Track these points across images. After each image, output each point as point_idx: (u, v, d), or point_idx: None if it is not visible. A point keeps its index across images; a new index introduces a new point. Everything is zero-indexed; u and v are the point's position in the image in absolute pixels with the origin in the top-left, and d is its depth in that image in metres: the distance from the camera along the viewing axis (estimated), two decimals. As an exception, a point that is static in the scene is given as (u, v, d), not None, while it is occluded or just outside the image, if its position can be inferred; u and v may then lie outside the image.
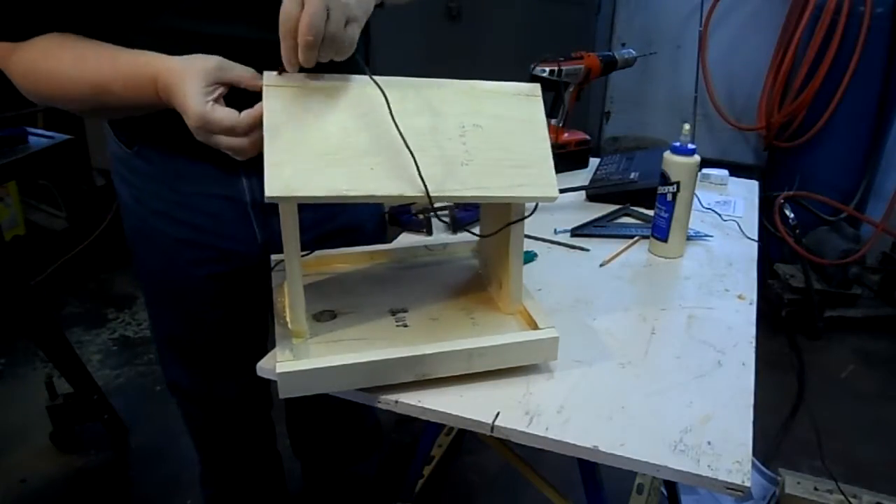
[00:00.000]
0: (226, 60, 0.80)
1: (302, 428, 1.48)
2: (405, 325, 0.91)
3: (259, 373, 0.88)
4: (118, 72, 0.83)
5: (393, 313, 0.93)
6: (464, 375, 0.85)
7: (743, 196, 1.46)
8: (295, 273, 0.82)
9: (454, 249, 1.11)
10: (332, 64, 0.78)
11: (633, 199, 1.37)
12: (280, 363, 0.78)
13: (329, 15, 0.73)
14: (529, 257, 1.17)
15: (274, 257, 1.02)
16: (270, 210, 1.05)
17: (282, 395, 0.79)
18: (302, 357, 0.80)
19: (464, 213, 1.28)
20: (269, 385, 1.29)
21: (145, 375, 2.27)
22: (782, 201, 2.46)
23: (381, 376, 0.82)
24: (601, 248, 1.22)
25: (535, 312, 0.90)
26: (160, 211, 1.03)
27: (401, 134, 0.76)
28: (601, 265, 1.17)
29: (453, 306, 0.96)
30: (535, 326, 0.88)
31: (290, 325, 0.86)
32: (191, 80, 0.78)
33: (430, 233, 1.26)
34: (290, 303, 0.85)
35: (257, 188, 1.02)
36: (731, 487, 0.72)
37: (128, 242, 1.12)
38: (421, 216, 1.27)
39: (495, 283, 0.97)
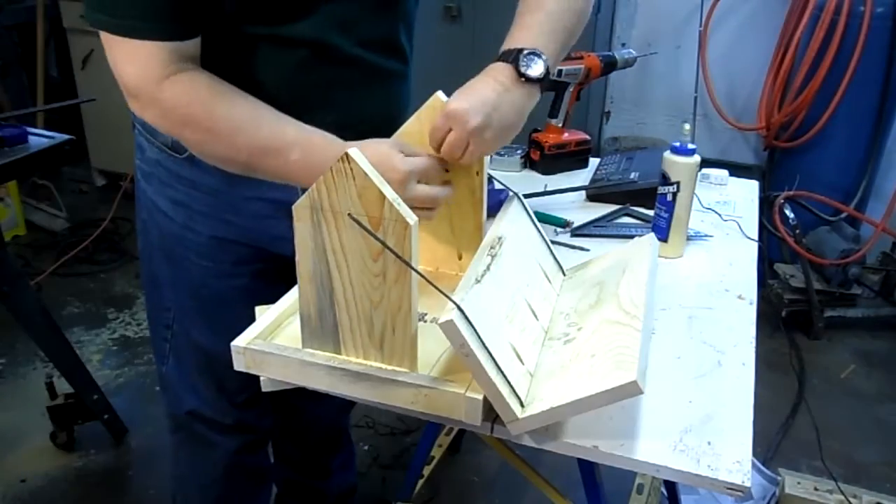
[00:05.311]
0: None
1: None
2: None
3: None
4: (298, 134, 0.85)
5: None
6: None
7: (743, 196, 1.46)
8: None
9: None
10: None
11: (633, 199, 1.36)
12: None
13: (467, 147, 0.81)
14: (529, 257, 1.17)
15: None
16: None
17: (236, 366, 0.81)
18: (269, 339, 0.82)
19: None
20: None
21: (145, 375, 2.27)
22: (782, 201, 2.46)
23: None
24: (601, 248, 1.21)
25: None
26: (206, 213, 1.01)
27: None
28: (601, 265, 1.17)
29: None
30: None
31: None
32: (388, 143, 0.83)
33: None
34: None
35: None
36: (731, 487, 0.72)
37: (157, 254, 1.08)
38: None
39: None
